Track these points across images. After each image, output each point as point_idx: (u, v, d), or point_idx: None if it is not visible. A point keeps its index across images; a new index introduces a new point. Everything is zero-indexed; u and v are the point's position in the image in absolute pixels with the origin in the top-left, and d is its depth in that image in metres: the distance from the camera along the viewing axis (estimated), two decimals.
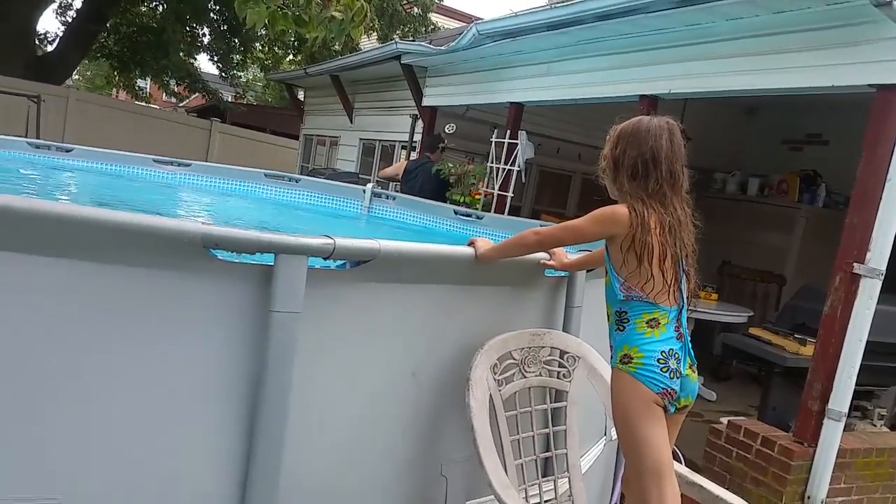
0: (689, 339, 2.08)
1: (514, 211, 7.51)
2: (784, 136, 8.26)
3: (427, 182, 7.42)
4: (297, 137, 14.32)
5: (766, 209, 7.79)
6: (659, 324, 2.02)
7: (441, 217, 6.57)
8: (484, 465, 2.06)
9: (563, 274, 2.57)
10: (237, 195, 6.71)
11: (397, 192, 7.48)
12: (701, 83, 4.86)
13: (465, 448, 2.16)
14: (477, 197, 7.92)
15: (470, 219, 6.35)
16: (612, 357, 2.11)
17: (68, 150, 6.34)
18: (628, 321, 2.05)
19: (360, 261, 1.95)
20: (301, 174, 12.37)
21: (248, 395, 1.82)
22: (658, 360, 1.99)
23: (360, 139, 10.99)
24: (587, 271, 2.59)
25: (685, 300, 2.08)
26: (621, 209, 2.03)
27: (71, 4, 19.09)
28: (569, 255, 2.50)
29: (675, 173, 2.05)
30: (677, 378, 2.01)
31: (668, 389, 1.99)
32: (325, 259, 1.88)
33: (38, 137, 10.03)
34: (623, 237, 2.02)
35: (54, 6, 18.04)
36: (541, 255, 2.40)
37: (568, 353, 2.39)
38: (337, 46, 11.02)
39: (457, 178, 7.68)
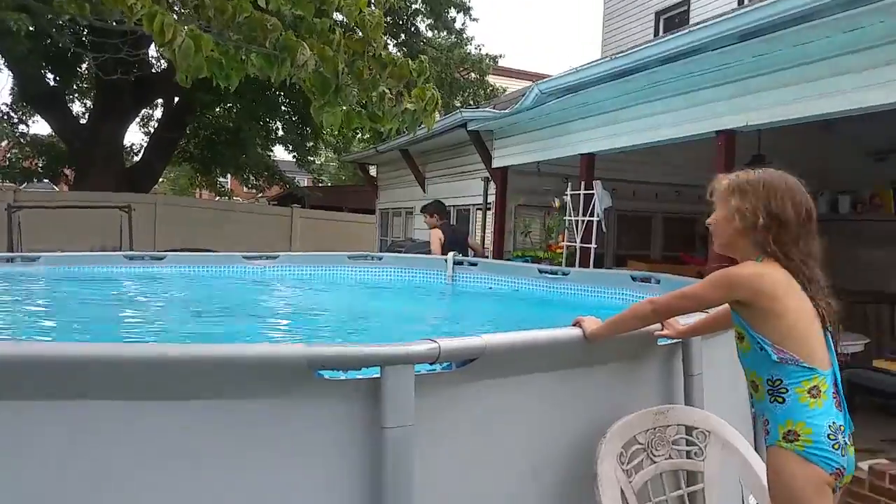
0: (846, 405, 1.85)
1: (598, 259, 7.31)
2: (867, 148, 7.80)
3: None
4: (373, 212, 14.67)
5: (863, 226, 7.35)
6: (820, 392, 1.79)
7: (526, 277, 6.46)
8: None
9: (675, 340, 2.41)
10: (325, 281, 6.84)
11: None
12: (778, 112, 4.65)
13: None
14: (559, 251, 7.79)
15: (556, 276, 6.22)
16: (768, 433, 1.86)
17: (160, 259, 6.65)
18: (786, 391, 1.81)
19: (466, 360, 1.87)
20: (381, 249, 12.69)
21: None
22: (828, 437, 1.75)
23: None
24: None
25: (836, 363, 1.85)
26: (741, 271, 1.87)
27: (152, 115, 20.57)
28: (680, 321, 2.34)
29: (812, 232, 1.88)
30: (846, 455, 1.78)
31: (840, 468, 1.76)
32: (430, 364, 1.82)
33: (131, 246, 10.67)
34: (752, 298, 1.83)
35: (137, 119, 19.46)
36: (653, 326, 2.26)
37: (696, 428, 2.20)
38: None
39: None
